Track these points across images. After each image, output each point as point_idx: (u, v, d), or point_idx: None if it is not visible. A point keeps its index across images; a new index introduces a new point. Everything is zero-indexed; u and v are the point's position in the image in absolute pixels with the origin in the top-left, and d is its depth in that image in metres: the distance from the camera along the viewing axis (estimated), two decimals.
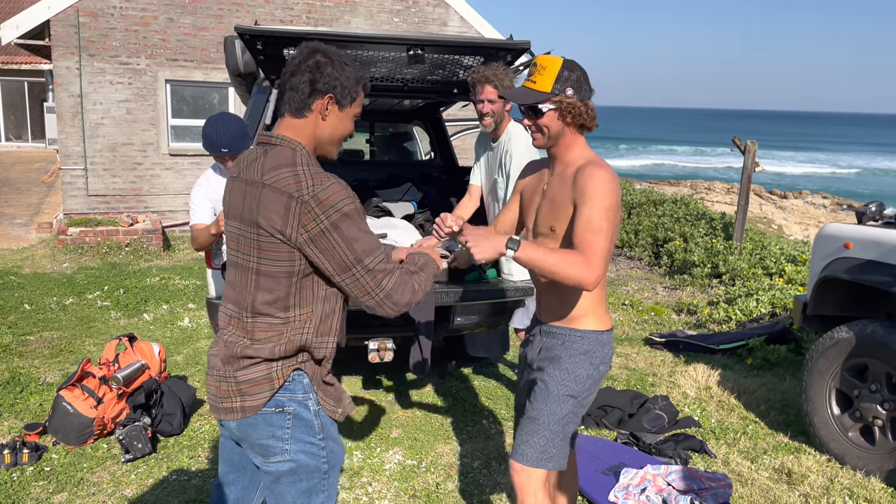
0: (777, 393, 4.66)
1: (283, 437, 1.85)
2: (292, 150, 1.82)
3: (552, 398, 2.24)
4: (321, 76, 1.80)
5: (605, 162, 2.19)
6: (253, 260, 1.82)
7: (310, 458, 1.88)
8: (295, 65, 1.82)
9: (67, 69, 9.81)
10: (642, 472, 3.31)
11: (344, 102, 1.85)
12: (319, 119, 1.84)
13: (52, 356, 5.19)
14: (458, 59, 4.09)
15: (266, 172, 1.78)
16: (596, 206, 2.08)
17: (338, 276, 1.78)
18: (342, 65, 1.83)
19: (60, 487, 3.32)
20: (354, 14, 11.04)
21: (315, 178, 1.75)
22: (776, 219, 18.99)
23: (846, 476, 3.57)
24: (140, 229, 9.28)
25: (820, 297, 3.97)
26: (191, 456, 3.65)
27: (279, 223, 1.74)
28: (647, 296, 7.66)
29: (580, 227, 2.09)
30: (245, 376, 1.83)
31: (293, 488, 1.90)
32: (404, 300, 1.84)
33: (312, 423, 1.88)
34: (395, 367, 4.96)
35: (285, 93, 1.84)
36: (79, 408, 3.67)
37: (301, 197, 1.72)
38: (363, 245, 1.76)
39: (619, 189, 2.14)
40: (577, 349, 2.26)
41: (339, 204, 1.73)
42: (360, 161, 6.69)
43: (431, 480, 3.49)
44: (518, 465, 2.27)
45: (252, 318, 1.84)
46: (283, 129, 1.86)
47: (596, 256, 2.05)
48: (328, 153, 1.92)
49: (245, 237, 1.82)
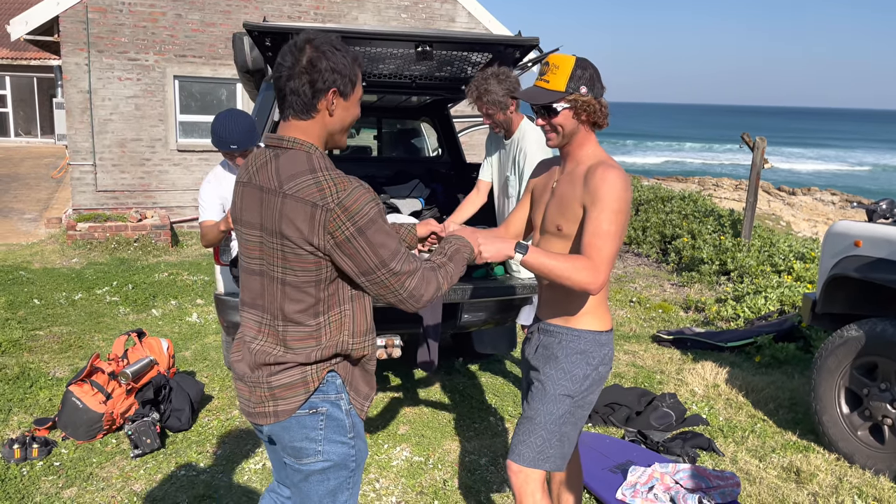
0: (785, 391, 4.64)
1: (316, 438, 1.85)
2: (307, 153, 1.77)
3: (548, 398, 2.24)
4: (319, 74, 1.73)
5: (615, 162, 2.18)
6: (278, 270, 1.79)
7: (340, 457, 1.89)
8: (288, 67, 1.74)
9: (76, 65, 9.84)
10: (650, 471, 3.30)
11: (347, 91, 1.79)
12: (327, 115, 1.79)
13: (62, 351, 5.22)
14: (466, 56, 4.08)
15: (285, 181, 1.73)
16: (606, 210, 2.08)
17: (360, 278, 1.76)
18: (334, 52, 1.75)
19: (70, 482, 3.34)
20: (362, 10, 11.03)
21: (338, 183, 1.71)
22: (785, 215, 18.90)
23: (855, 475, 3.55)
24: (149, 225, 9.32)
25: (829, 295, 3.95)
26: (199, 451, 3.67)
27: (306, 232, 1.70)
28: (654, 293, 7.64)
29: (589, 232, 2.09)
30: (279, 381, 1.82)
31: (320, 487, 1.89)
32: (427, 297, 1.82)
33: (344, 422, 1.88)
34: (402, 364, 4.97)
35: (286, 97, 1.77)
36: (88, 403, 3.69)
37: (326, 205, 1.68)
38: (388, 249, 1.74)
39: (629, 191, 2.12)
40: (573, 349, 2.25)
41: (365, 209, 1.71)
42: (367, 157, 6.70)
43: (439, 477, 3.50)
44: (515, 465, 2.27)
45: (284, 326, 1.82)
46: (290, 130, 1.80)
47: (602, 262, 2.06)
48: (339, 143, 1.88)
49: (268, 246, 1.79)
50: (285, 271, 1.78)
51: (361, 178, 6.02)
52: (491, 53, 3.97)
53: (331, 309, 1.82)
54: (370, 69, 4.34)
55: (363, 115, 6.47)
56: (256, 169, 1.83)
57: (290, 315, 1.81)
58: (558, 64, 2.15)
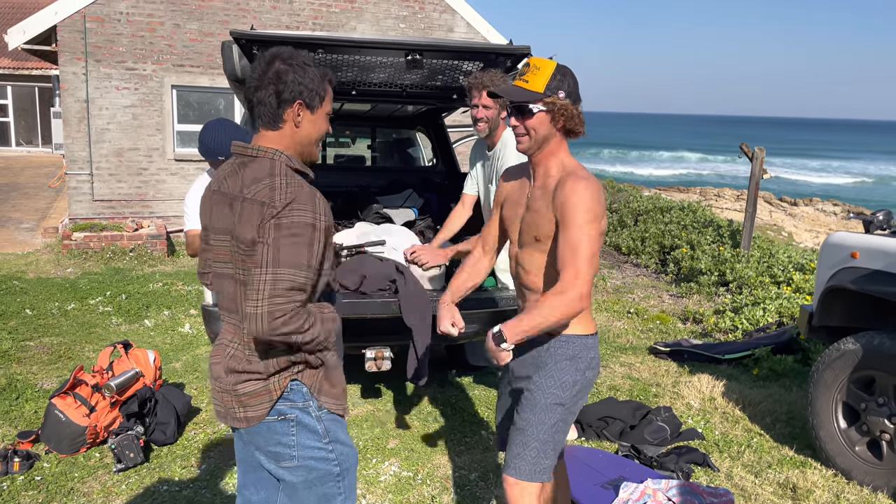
0: (783, 405, 4.57)
1: (289, 443, 1.88)
2: (271, 160, 1.80)
3: (539, 408, 2.19)
4: (285, 86, 1.78)
5: (586, 171, 2.14)
6: (240, 272, 1.82)
7: (320, 462, 1.90)
8: (257, 78, 1.80)
9: (74, 74, 9.83)
10: (642, 487, 3.23)
11: (314, 105, 1.83)
12: (294, 127, 1.83)
13: (51, 362, 5.16)
14: (457, 65, 4.04)
15: (246, 185, 1.77)
16: (577, 225, 2.05)
17: (244, 263, 1.77)
18: (303, 67, 1.80)
19: (50, 497, 3.27)
20: (361, 20, 11.03)
21: (291, 185, 1.74)
22: (786, 226, 18.83)
23: (852, 492, 3.47)
24: (144, 234, 9.27)
25: (826, 308, 3.88)
26: (183, 466, 3.60)
27: (254, 233, 1.74)
28: (652, 304, 7.57)
29: (565, 251, 2.06)
30: (244, 389, 1.86)
31: (311, 494, 1.92)
32: (279, 330, 1.70)
33: (316, 427, 1.89)
34: (393, 376, 4.90)
35: (254, 108, 1.82)
36: (71, 416, 3.63)
37: (273, 204, 1.71)
38: (291, 258, 1.70)
39: (599, 199, 2.08)
40: (561, 355, 2.21)
41: (304, 216, 1.72)
42: (361, 167, 6.66)
43: (427, 493, 3.43)
44: (512, 479, 2.22)
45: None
46: (260, 140, 1.84)
47: (581, 277, 2.04)
48: (310, 155, 1.92)
49: (233, 251, 1.82)
50: (246, 273, 1.79)
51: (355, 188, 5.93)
52: (482, 62, 3.93)
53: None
54: (362, 78, 4.30)
55: (357, 125, 6.45)
56: (224, 177, 1.85)
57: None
58: (539, 66, 2.11)
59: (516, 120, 2.17)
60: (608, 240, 10.65)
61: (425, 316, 3.71)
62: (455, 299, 2.43)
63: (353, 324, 3.81)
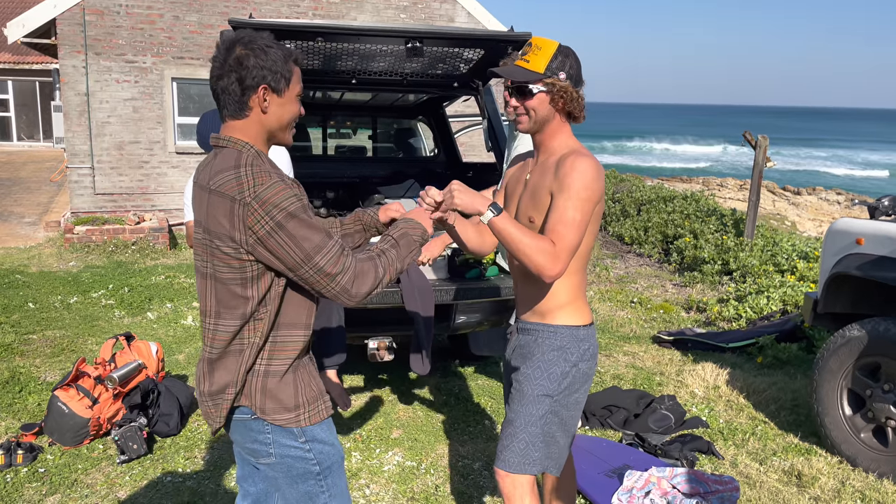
0: (787, 392, 4.55)
1: (265, 441, 1.85)
2: (238, 151, 1.75)
3: (527, 399, 2.15)
4: (247, 71, 1.71)
5: (589, 152, 2.09)
6: (209, 266, 1.78)
7: (296, 461, 1.87)
8: (218, 66, 1.73)
9: (74, 68, 9.80)
10: (647, 475, 3.22)
11: (280, 88, 1.76)
12: (261, 113, 1.76)
13: (54, 355, 5.16)
14: (458, 53, 4.01)
15: (213, 177, 1.72)
16: (572, 198, 2.00)
17: (291, 273, 1.74)
18: (264, 50, 1.73)
19: (53, 489, 3.27)
20: (361, 10, 10.97)
21: (257, 178, 1.68)
22: (789, 215, 18.76)
23: (858, 478, 3.46)
24: (146, 227, 9.27)
25: (831, 295, 3.86)
26: (187, 457, 3.60)
27: (227, 228, 1.69)
28: (656, 293, 7.55)
29: (553, 218, 2.01)
30: (212, 387, 1.84)
31: (294, 490, 1.90)
32: (363, 291, 1.76)
33: (291, 428, 1.85)
34: (397, 366, 4.90)
35: (219, 97, 1.76)
36: (74, 408, 3.63)
37: (243, 199, 1.66)
38: (311, 242, 1.69)
39: (600, 180, 2.04)
40: (550, 345, 2.16)
41: (283, 203, 1.67)
42: (362, 157, 6.63)
43: (431, 482, 3.42)
44: (502, 471, 2.19)
45: (214, 324, 1.80)
46: (229, 130, 1.79)
47: (563, 250, 1.98)
48: (283, 140, 1.85)
49: (201, 242, 1.79)
50: (215, 267, 1.76)
51: (356, 179, 5.90)
52: (483, 49, 3.89)
53: (258, 308, 1.78)
54: (362, 67, 4.27)
55: (359, 115, 6.41)
56: (201, 169, 1.81)
57: (219, 311, 1.78)
58: (541, 46, 2.08)
59: (517, 100, 2.12)
60: (611, 229, 10.62)
61: (428, 306, 3.69)
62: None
63: (355, 314, 3.81)
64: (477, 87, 4.47)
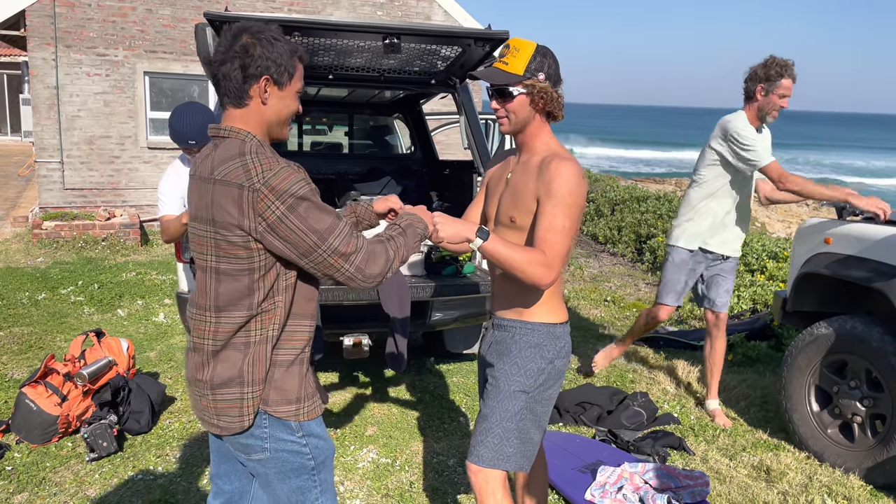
0: (757, 389, 4.63)
1: (261, 436, 1.83)
2: (241, 140, 1.74)
3: (502, 395, 2.17)
4: (251, 59, 1.71)
5: (571, 155, 2.12)
6: (211, 258, 1.76)
7: (292, 455, 1.86)
8: (222, 52, 1.72)
9: (43, 60, 9.62)
10: (619, 470, 3.25)
11: (282, 81, 1.76)
12: (261, 104, 1.76)
13: (21, 352, 5.06)
14: (435, 50, 4.01)
15: (216, 167, 1.70)
16: (560, 205, 2.02)
17: (302, 260, 1.72)
18: (271, 42, 1.73)
19: (21, 487, 3.21)
20: (337, 6, 10.92)
21: (264, 164, 1.67)
22: (759, 217, 19.05)
23: (825, 474, 3.53)
24: (117, 223, 9.12)
25: (800, 293, 3.93)
26: (158, 455, 3.55)
27: (236, 216, 1.67)
28: (629, 292, 7.62)
29: (543, 227, 2.03)
30: (222, 397, 1.80)
31: (285, 486, 1.88)
32: (376, 271, 1.78)
33: (289, 422, 1.84)
34: (372, 363, 4.89)
35: (220, 83, 1.74)
36: (42, 405, 3.56)
37: (252, 185, 1.65)
38: (323, 225, 1.69)
39: (584, 184, 2.07)
40: (526, 342, 2.18)
41: (293, 188, 1.66)
42: (338, 154, 6.60)
43: (405, 479, 3.42)
44: (474, 466, 2.20)
45: (216, 318, 1.78)
46: (229, 120, 1.77)
47: (556, 258, 2.01)
48: (279, 135, 1.84)
49: (202, 236, 1.76)
50: (219, 259, 1.74)
51: (332, 176, 5.91)
52: (460, 47, 3.90)
53: (264, 300, 1.76)
54: (338, 62, 4.25)
55: (335, 112, 6.38)
56: (201, 161, 1.79)
57: (222, 305, 1.76)
58: (519, 47, 2.09)
59: (497, 103, 2.14)
60: (585, 229, 10.70)
61: (403, 302, 3.69)
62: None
63: (330, 310, 3.79)
64: (454, 84, 4.48)
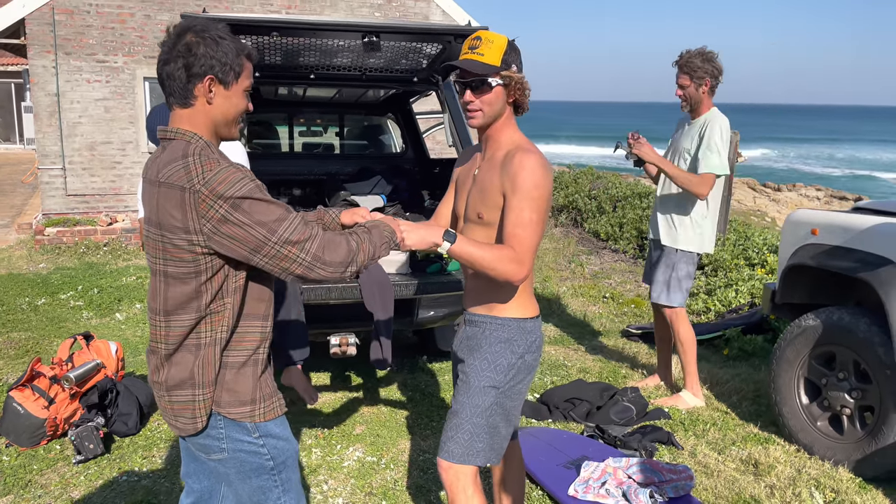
0: (750, 383, 4.59)
1: (217, 436, 1.83)
2: (186, 142, 1.72)
3: (473, 390, 2.16)
4: (195, 58, 1.69)
5: (535, 147, 2.10)
6: (160, 262, 1.74)
7: (250, 455, 1.85)
8: (166, 51, 1.71)
9: (44, 68, 9.70)
10: (603, 465, 3.23)
11: (227, 80, 1.74)
12: (206, 104, 1.74)
13: (18, 357, 5.10)
14: (417, 48, 4.00)
15: (161, 169, 1.69)
16: (525, 198, 2.01)
17: (255, 257, 1.68)
18: (216, 40, 1.71)
19: (7, 490, 3.24)
20: (335, 9, 10.93)
21: (205, 165, 1.65)
22: (770, 211, 18.92)
23: (814, 466, 3.49)
24: (119, 228, 9.19)
25: (788, 285, 3.89)
26: (144, 457, 3.57)
27: (179, 219, 1.66)
28: (629, 288, 7.58)
29: (510, 222, 2.02)
30: (176, 399, 1.80)
31: (246, 486, 1.88)
32: (337, 259, 1.73)
33: (244, 423, 1.83)
34: (363, 363, 4.89)
35: (164, 82, 1.73)
36: (29, 408, 3.59)
37: (192, 187, 1.63)
38: (271, 216, 1.66)
39: (550, 177, 2.06)
40: (497, 337, 2.17)
41: (234, 187, 1.64)
42: (328, 154, 6.61)
43: (390, 477, 3.41)
44: (445, 462, 2.19)
45: (166, 321, 1.77)
46: (176, 121, 1.76)
47: (525, 252, 2.01)
48: (228, 134, 1.82)
49: (153, 239, 1.75)
50: (166, 263, 1.73)
51: (323, 175, 5.88)
52: (439, 44, 3.89)
53: (212, 302, 1.75)
54: (320, 62, 4.26)
55: (326, 112, 6.39)
56: (150, 163, 1.78)
57: (171, 309, 1.75)
58: (492, 39, 2.07)
59: (472, 94, 2.10)
60: (587, 226, 10.65)
61: (386, 302, 3.68)
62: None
63: (316, 310, 3.79)
64: (437, 81, 4.47)
